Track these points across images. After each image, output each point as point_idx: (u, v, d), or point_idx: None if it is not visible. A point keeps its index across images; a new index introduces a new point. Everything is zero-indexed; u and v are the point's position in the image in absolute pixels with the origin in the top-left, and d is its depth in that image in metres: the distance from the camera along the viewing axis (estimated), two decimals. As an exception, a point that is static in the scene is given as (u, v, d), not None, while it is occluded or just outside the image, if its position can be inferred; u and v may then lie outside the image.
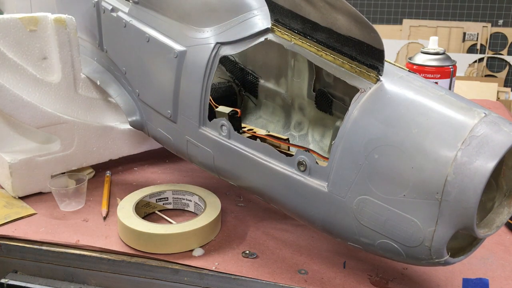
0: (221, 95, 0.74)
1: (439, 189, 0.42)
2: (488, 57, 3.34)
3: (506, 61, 3.33)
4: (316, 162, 0.51)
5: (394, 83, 0.48)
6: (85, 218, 0.67)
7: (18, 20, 0.69)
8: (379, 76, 0.48)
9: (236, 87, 0.77)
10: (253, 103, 0.77)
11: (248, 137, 0.59)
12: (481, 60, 3.34)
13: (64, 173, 0.75)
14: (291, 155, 0.53)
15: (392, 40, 3.35)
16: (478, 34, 3.32)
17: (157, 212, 0.68)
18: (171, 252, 0.59)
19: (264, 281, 0.55)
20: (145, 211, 0.67)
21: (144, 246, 0.59)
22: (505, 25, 3.31)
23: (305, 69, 0.66)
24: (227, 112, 0.61)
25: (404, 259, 0.47)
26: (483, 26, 3.31)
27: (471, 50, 3.36)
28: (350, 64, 0.50)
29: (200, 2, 0.61)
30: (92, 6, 0.76)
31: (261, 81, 0.74)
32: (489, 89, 3.06)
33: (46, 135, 0.75)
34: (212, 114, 0.61)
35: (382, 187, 0.45)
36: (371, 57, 0.47)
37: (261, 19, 0.57)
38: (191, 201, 0.68)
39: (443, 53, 0.89)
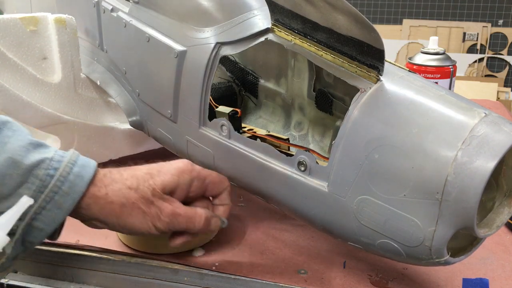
0: (221, 95, 0.74)
1: (439, 189, 0.42)
2: (488, 57, 3.34)
3: (506, 61, 3.33)
4: (316, 162, 0.51)
5: (395, 83, 0.48)
6: (85, 218, 0.67)
7: (18, 20, 0.69)
8: (379, 76, 0.48)
9: (236, 87, 0.77)
10: (253, 103, 0.77)
11: (248, 137, 0.59)
12: (481, 60, 3.34)
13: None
14: (291, 155, 0.53)
15: (392, 40, 3.35)
16: (478, 34, 3.32)
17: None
18: (170, 252, 0.59)
19: (264, 281, 0.55)
20: (145, 211, 0.67)
21: (143, 246, 0.59)
22: (505, 25, 3.31)
23: (305, 69, 0.66)
24: (227, 112, 0.61)
25: (405, 259, 0.47)
26: (483, 26, 3.31)
27: (471, 50, 3.36)
28: (350, 64, 0.50)
29: (200, 2, 0.61)
30: (92, 6, 0.76)
31: (261, 81, 0.74)
32: (489, 89, 3.06)
33: (46, 135, 0.75)
34: (212, 114, 0.61)
35: (383, 187, 0.45)
36: (371, 57, 0.47)
37: (261, 19, 0.57)
38: (191, 201, 0.68)
39: (443, 53, 0.89)
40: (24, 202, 0.45)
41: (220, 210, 0.57)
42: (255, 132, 0.62)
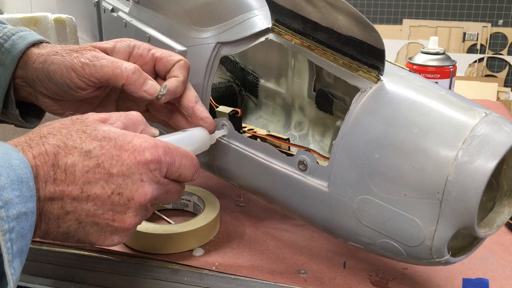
0: (221, 95, 0.74)
1: (440, 188, 0.42)
2: (488, 57, 3.34)
3: (506, 61, 3.33)
4: (317, 162, 0.51)
5: (395, 83, 0.48)
6: (85, 218, 0.67)
7: (18, 20, 0.69)
8: (380, 76, 0.48)
9: (237, 87, 0.77)
10: (254, 103, 0.77)
11: (248, 137, 0.59)
12: (481, 60, 3.34)
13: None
14: (292, 155, 0.53)
15: (392, 40, 3.35)
16: (478, 34, 3.32)
17: (156, 211, 0.68)
18: (170, 252, 0.59)
19: (264, 281, 0.55)
20: (145, 211, 0.67)
21: (143, 246, 0.59)
22: (505, 25, 3.31)
23: (306, 69, 0.66)
24: (228, 112, 0.61)
25: (405, 259, 0.47)
26: (483, 26, 3.31)
27: (471, 50, 3.36)
28: (351, 64, 0.50)
29: (200, 2, 0.61)
30: (92, 6, 0.76)
31: (262, 81, 0.74)
32: (489, 89, 3.06)
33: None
34: (213, 114, 0.61)
35: (383, 186, 0.45)
36: (371, 57, 0.47)
37: (261, 19, 0.57)
38: (190, 201, 0.68)
39: (443, 53, 0.89)
40: None
41: (168, 81, 0.54)
42: (255, 132, 0.62)
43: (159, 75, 0.57)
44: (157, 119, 0.60)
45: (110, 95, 0.59)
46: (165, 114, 0.59)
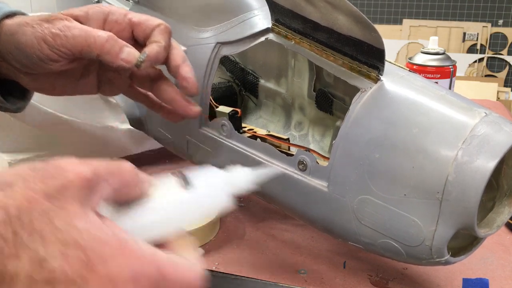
0: (221, 95, 0.74)
1: (439, 188, 0.42)
2: (488, 57, 3.34)
3: (506, 61, 3.33)
4: (317, 162, 0.51)
5: (395, 83, 0.48)
6: (85, 218, 0.67)
7: (18, 20, 0.69)
8: (380, 76, 0.48)
9: (237, 87, 0.77)
10: (254, 103, 0.77)
11: (248, 137, 0.59)
12: (481, 60, 3.34)
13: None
14: (292, 155, 0.53)
15: (392, 40, 3.35)
16: (478, 34, 3.32)
17: (157, 212, 0.68)
18: (171, 252, 0.59)
19: (264, 281, 0.55)
20: (145, 211, 0.67)
21: (144, 246, 0.59)
22: (505, 25, 3.31)
23: (306, 69, 0.66)
24: (228, 112, 0.61)
25: (405, 259, 0.47)
26: (483, 26, 3.31)
27: (471, 50, 3.36)
28: (351, 64, 0.50)
29: (200, 2, 0.61)
30: (92, 6, 0.75)
31: (262, 81, 0.74)
32: (489, 89, 3.06)
33: (46, 135, 0.75)
34: (213, 114, 0.61)
35: (383, 186, 0.45)
36: (371, 57, 0.47)
37: (261, 19, 0.57)
38: (191, 201, 0.68)
39: (443, 53, 0.89)
40: None
41: (148, 46, 0.49)
42: (255, 132, 0.62)
43: (139, 42, 0.52)
44: (141, 95, 0.56)
45: (89, 67, 0.54)
46: (148, 84, 0.54)
